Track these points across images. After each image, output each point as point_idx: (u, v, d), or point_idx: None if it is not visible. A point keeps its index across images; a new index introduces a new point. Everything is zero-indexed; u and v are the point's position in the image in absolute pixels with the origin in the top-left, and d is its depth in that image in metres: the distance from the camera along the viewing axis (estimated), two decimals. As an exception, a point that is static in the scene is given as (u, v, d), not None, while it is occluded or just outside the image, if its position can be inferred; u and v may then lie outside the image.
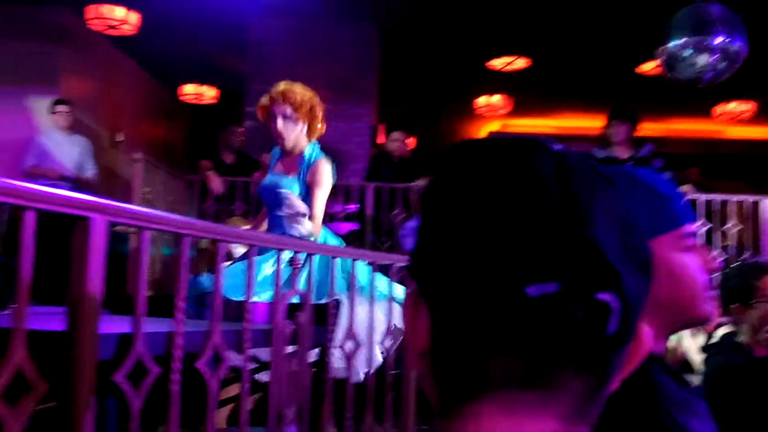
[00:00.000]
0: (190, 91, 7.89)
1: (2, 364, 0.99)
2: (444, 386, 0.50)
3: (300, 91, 3.06)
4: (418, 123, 8.32)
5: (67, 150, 5.99)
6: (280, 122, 2.99)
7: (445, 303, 0.48)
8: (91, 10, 5.68)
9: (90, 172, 6.08)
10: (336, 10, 6.47)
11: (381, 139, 7.37)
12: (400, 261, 2.65)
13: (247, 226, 4.03)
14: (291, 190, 2.89)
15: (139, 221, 1.27)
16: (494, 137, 0.54)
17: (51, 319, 1.39)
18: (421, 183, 5.96)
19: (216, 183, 5.88)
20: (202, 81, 7.86)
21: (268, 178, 3.07)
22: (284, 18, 6.68)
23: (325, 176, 3.00)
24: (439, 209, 0.50)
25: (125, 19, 5.73)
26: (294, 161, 3.06)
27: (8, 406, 1.00)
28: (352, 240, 6.03)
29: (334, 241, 2.96)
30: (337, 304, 2.23)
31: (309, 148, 3.06)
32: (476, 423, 0.48)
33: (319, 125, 3.12)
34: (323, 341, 2.04)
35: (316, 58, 6.91)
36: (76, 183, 5.86)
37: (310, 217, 2.74)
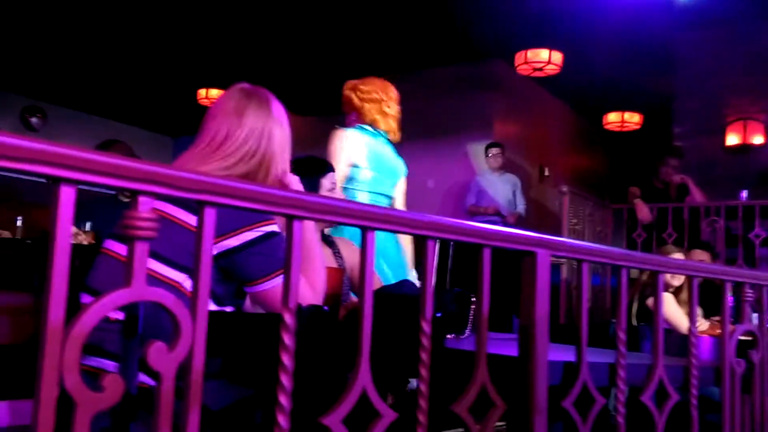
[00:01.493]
0: (613, 119, 7.86)
1: (470, 382, 1.13)
2: None
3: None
4: None
5: (501, 188, 6.54)
6: None
7: None
8: (519, 57, 6.14)
9: (521, 207, 6.52)
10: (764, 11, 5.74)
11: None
12: None
13: (681, 255, 3.80)
14: None
15: (579, 254, 1.33)
16: None
17: (502, 345, 1.53)
18: None
19: (644, 211, 5.71)
20: (624, 108, 7.77)
21: None
22: (713, 28, 6.19)
23: (331, 145, 2.93)
24: None
25: (549, 60, 6.04)
26: None
27: (475, 420, 1.13)
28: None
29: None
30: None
31: None
32: None
33: (362, 110, 3.07)
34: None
35: (752, 65, 6.23)
36: (509, 218, 6.34)
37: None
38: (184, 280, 1.33)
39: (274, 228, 1.40)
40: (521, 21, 6.08)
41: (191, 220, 1.34)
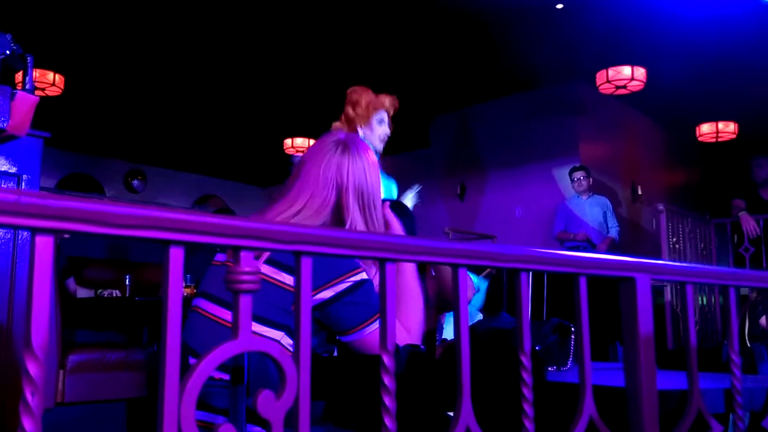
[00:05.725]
0: (706, 130, 7.55)
1: (576, 415, 1.10)
2: None
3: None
4: None
5: (590, 212, 6.37)
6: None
7: None
8: (601, 76, 6.03)
9: (613, 230, 6.32)
10: None
11: None
12: None
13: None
14: None
15: (682, 276, 1.28)
16: None
17: (608, 375, 1.49)
18: None
19: (750, 224, 5.41)
20: (718, 117, 7.46)
21: None
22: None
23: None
24: None
25: (633, 77, 5.90)
26: None
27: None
28: None
29: None
30: None
31: None
32: None
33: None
34: None
35: None
36: (600, 246, 6.15)
37: None
38: (282, 337, 1.36)
39: (363, 276, 1.41)
40: (599, 40, 5.99)
41: (285, 278, 1.37)
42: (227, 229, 0.70)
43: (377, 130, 3.05)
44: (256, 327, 1.35)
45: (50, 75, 6.04)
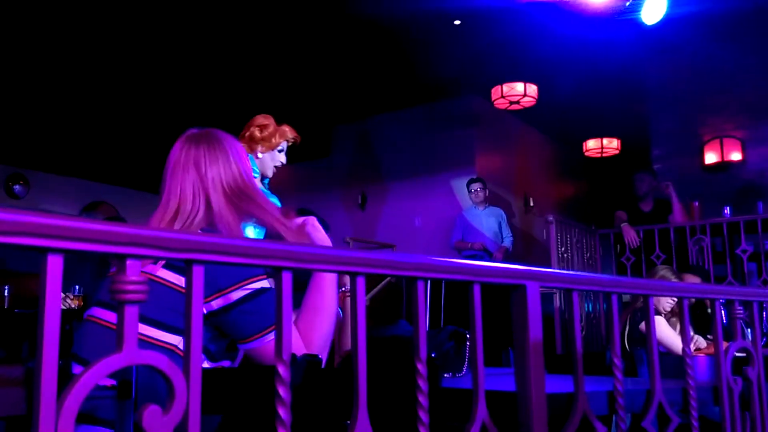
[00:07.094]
0: (592, 146, 7.98)
1: (469, 421, 1.12)
2: None
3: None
4: None
5: (486, 222, 6.57)
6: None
7: None
8: (496, 91, 6.24)
9: (507, 240, 6.55)
10: (727, 32, 5.84)
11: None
12: None
13: (674, 277, 3.82)
14: None
15: (568, 284, 1.33)
16: None
17: (501, 380, 1.53)
18: None
19: (630, 234, 5.75)
20: (603, 134, 7.89)
21: None
22: (679, 51, 6.33)
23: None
24: None
25: (525, 93, 6.14)
26: None
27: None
28: None
29: None
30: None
31: None
32: None
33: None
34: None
35: (722, 86, 6.36)
36: (496, 255, 6.36)
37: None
38: (180, 343, 1.31)
39: (264, 284, 1.38)
40: (495, 57, 6.20)
41: (180, 281, 1.33)
42: (111, 236, 0.66)
43: (277, 158, 3.12)
44: (154, 332, 1.31)
45: None
